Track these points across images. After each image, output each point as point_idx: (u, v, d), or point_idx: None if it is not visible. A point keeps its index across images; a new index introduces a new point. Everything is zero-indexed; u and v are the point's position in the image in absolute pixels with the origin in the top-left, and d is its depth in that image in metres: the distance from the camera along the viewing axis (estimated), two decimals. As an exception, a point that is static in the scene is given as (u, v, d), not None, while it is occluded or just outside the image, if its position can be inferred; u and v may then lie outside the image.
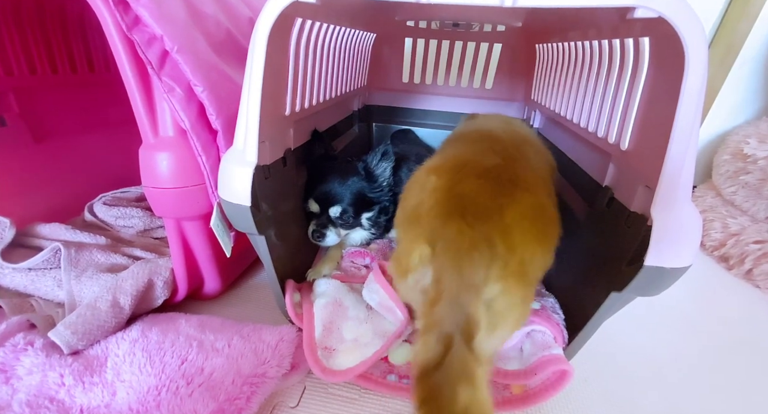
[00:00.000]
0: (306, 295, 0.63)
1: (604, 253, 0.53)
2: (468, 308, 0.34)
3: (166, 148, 0.47)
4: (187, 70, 0.43)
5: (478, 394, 0.32)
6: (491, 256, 0.36)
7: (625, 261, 0.45)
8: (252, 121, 0.43)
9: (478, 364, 0.33)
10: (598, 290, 0.48)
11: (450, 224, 0.38)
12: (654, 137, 0.43)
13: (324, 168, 0.71)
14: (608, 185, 0.55)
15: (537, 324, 0.54)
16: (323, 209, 0.71)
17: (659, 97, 0.42)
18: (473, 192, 0.41)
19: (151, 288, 0.58)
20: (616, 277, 0.43)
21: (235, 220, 0.49)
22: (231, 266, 0.69)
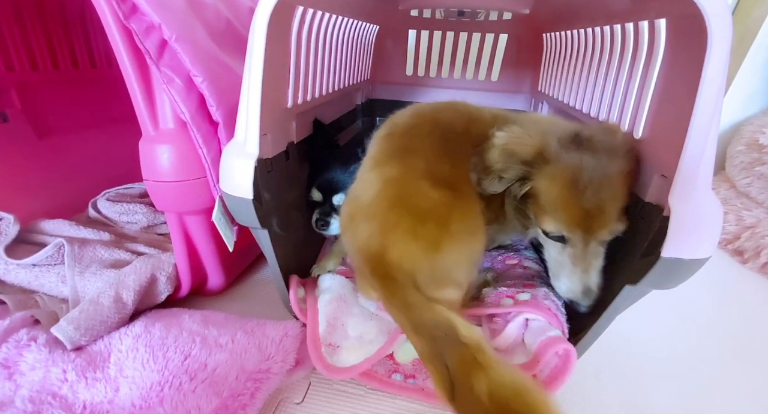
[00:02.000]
0: (310, 291, 0.62)
1: (615, 246, 0.51)
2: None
3: (167, 140, 0.47)
4: (186, 60, 0.42)
5: (493, 374, 0.32)
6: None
7: (638, 253, 0.43)
8: (253, 113, 0.42)
9: (475, 349, 0.34)
10: (611, 284, 0.47)
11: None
12: (671, 124, 0.41)
13: (326, 157, 0.70)
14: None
15: (528, 312, 0.53)
16: (326, 197, 0.70)
17: (677, 82, 0.40)
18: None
19: (154, 283, 0.57)
20: (631, 270, 0.42)
21: (238, 213, 0.48)
22: (234, 262, 0.68)
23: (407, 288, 0.42)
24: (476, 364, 0.33)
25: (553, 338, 0.48)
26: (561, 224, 0.45)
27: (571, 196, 0.43)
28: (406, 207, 0.46)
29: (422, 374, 0.51)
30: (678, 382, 0.56)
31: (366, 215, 0.48)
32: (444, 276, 0.46)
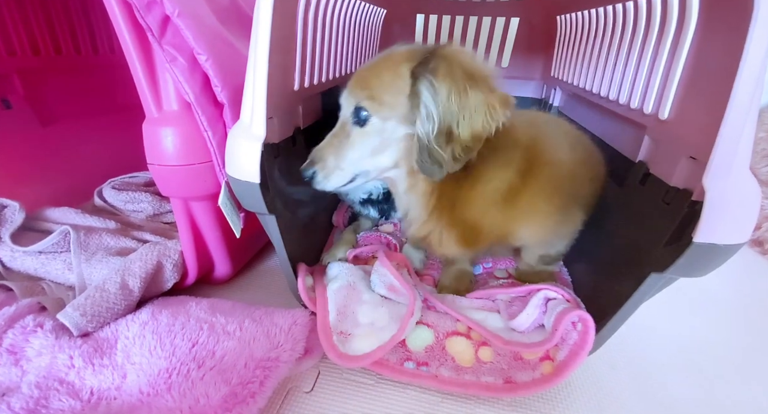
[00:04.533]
0: (319, 279, 0.61)
1: (636, 234, 0.49)
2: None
3: (171, 122, 0.45)
4: (189, 37, 0.40)
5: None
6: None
7: (662, 240, 0.41)
8: (259, 93, 0.40)
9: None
10: (632, 272, 0.45)
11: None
12: (703, 103, 0.38)
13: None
14: (642, 160, 0.51)
15: (549, 289, 0.53)
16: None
17: (711, 59, 0.38)
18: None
19: (161, 270, 0.56)
20: (656, 257, 0.40)
21: (244, 198, 0.46)
22: (241, 249, 0.67)
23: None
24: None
25: (568, 309, 0.47)
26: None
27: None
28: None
29: (435, 362, 0.50)
30: (696, 374, 0.54)
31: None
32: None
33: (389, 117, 0.45)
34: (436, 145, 0.42)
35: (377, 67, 0.46)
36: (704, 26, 0.39)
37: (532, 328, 0.52)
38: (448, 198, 0.51)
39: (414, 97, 0.43)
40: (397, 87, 0.44)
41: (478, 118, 0.42)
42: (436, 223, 0.53)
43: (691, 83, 0.41)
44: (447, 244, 0.55)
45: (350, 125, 0.47)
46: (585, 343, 0.44)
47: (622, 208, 0.54)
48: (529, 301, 0.51)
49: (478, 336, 0.53)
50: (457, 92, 0.41)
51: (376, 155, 0.48)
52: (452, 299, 0.59)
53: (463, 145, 0.42)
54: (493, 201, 0.50)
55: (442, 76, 0.41)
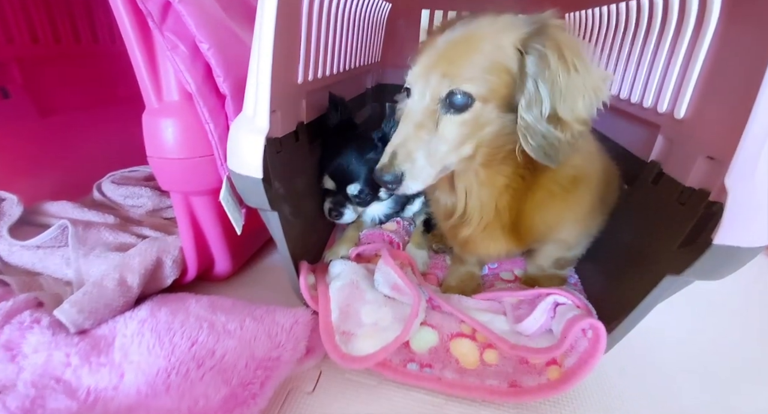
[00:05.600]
0: (321, 278, 0.60)
1: (647, 234, 0.48)
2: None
3: (171, 113, 0.44)
4: (191, 24, 0.39)
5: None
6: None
7: (677, 241, 0.40)
8: (263, 84, 0.39)
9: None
10: (644, 274, 0.43)
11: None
12: (725, 101, 0.37)
13: (340, 140, 0.66)
14: (655, 160, 0.49)
15: (558, 294, 0.51)
16: (340, 187, 0.67)
17: (734, 54, 0.36)
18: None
19: (160, 267, 0.55)
20: (670, 259, 0.39)
21: (246, 194, 0.45)
22: (242, 246, 0.66)
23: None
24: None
25: (578, 315, 0.46)
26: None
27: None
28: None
29: (439, 363, 0.48)
30: (706, 379, 0.53)
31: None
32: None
33: (490, 99, 0.39)
34: (552, 128, 0.37)
35: (470, 40, 0.38)
36: (727, 22, 0.38)
37: (539, 333, 0.50)
38: (515, 193, 0.47)
39: (518, 75, 0.38)
40: (499, 63, 0.38)
41: (587, 98, 0.38)
42: (497, 221, 0.49)
43: (710, 81, 0.39)
44: (495, 244, 0.52)
45: (439, 112, 0.40)
46: (596, 351, 0.43)
47: (632, 208, 0.53)
48: (537, 306, 0.50)
49: (483, 338, 0.52)
50: (566, 69, 0.36)
51: (462, 145, 0.41)
52: (458, 299, 0.58)
53: (574, 127, 0.38)
54: (551, 193, 0.47)
55: (553, 50, 0.36)
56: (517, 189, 0.46)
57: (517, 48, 0.37)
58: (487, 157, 0.43)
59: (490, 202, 0.48)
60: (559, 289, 0.52)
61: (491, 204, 0.48)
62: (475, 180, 0.47)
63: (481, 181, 0.46)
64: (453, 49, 0.38)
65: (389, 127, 0.66)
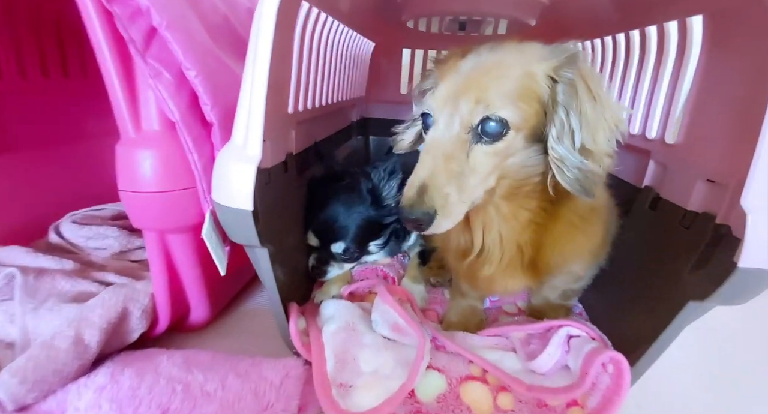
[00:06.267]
0: (312, 321, 0.54)
1: (655, 261, 0.47)
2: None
3: (150, 144, 0.40)
4: (177, 51, 0.36)
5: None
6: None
7: (686, 266, 0.39)
8: (256, 110, 0.36)
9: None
10: (661, 302, 0.42)
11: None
12: (718, 125, 0.38)
13: (325, 192, 0.63)
14: (650, 185, 0.50)
15: (571, 326, 0.48)
16: (324, 244, 0.62)
17: (722, 80, 0.38)
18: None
19: (126, 319, 0.48)
20: (688, 285, 0.37)
21: (233, 229, 0.41)
22: (222, 289, 0.60)
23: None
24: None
25: (597, 349, 0.43)
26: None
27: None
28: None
29: (450, 413, 0.43)
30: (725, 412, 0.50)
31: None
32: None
33: (521, 128, 0.37)
34: (584, 160, 0.36)
35: (501, 67, 0.37)
36: (710, 51, 0.40)
37: (555, 370, 0.47)
38: (537, 227, 0.44)
39: (548, 104, 0.37)
40: (531, 91, 0.37)
41: (608, 130, 0.37)
42: (518, 258, 0.46)
43: (700, 106, 0.41)
44: (514, 281, 0.48)
45: (470, 142, 0.37)
46: (620, 389, 0.40)
47: (632, 235, 0.52)
48: (551, 340, 0.46)
49: (495, 380, 0.47)
50: (591, 100, 0.36)
51: (489, 176, 0.39)
52: (462, 337, 0.54)
53: (604, 159, 0.37)
54: (571, 224, 0.45)
55: (580, 80, 0.36)
56: (539, 223, 0.44)
57: (550, 76, 0.37)
58: (509, 190, 0.41)
59: (511, 238, 0.45)
60: (571, 321, 0.49)
61: (512, 240, 0.45)
62: (496, 214, 0.44)
63: (503, 216, 0.43)
64: (484, 74, 0.36)
65: (379, 178, 0.64)
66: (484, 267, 0.47)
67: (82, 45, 0.77)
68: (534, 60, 0.37)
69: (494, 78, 0.36)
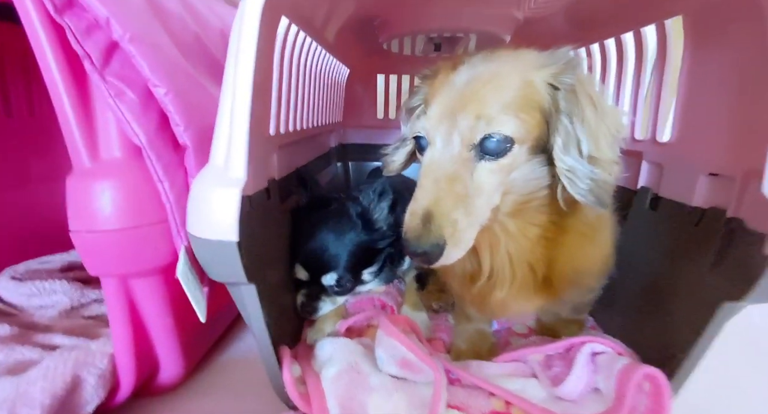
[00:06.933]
0: (307, 365, 0.47)
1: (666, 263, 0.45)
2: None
3: (110, 173, 0.34)
4: (143, 66, 0.32)
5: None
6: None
7: (704, 264, 0.38)
8: (239, 124, 0.32)
9: None
10: (685, 306, 0.40)
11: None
12: (714, 119, 0.38)
13: (311, 220, 0.58)
14: (645, 186, 0.50)
15: (593, 341, 0.44)
16: (314, 277, 0.57)
17: (712, 76, 0.39)
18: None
19: (78, 389, 0.39)
20: (717, 285, 0.36)
21: (214, 265, 0.35)
22: (197, 340, 0.51)
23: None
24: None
25: (629, 365, 0.39)
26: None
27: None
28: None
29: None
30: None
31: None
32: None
33: (525, 141, 0.35)
34: (594, 169, 0.34)
35: (499, 77, 0.35)
36: (694, 48, 0.41)
37: (585, 394, 0.42)
38: (548, 243, 0.42)
39: (550, 113, 0.35)
40: (532, 101, 0.35)
41: (609, 136, 0.35)
42: (530, 277, 0.43)
43: (692, 103, 0.42)
44: (528, 302, 0.45)
45: (472, 160, 0.35)
46: (662, 409, 0.36)
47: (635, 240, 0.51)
48: (575, 360, 0.43)
49: (521, 413, 0.42)
50: (591, 105, 0.34)
51: (495, 193, 0.36)
52: (477, 366, 0.48)
53: (614, 167, 0.35)
54: (582, 235, 0.42)
55: (580, 85, 0.34)
56: (549, 238, 0.42)
57: (549, 83, 0.35)
58: (514, 206, 0.39)
59: (521, 257, 0.42)
60: (593, 336, 0.46)
61: (523, 259, 0.42)
62: (502, 233, 0.41)
63: (511, 234, 0.41)
64: (481, 87, 0.34)
65: (369, 200, 0.60)
66: (495, 291, 0.44)
67: (30, 80, 0.70)
68: (532, 67, 0.36)
69: (493, 90, 0.34)
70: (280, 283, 0.54)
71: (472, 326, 0.56)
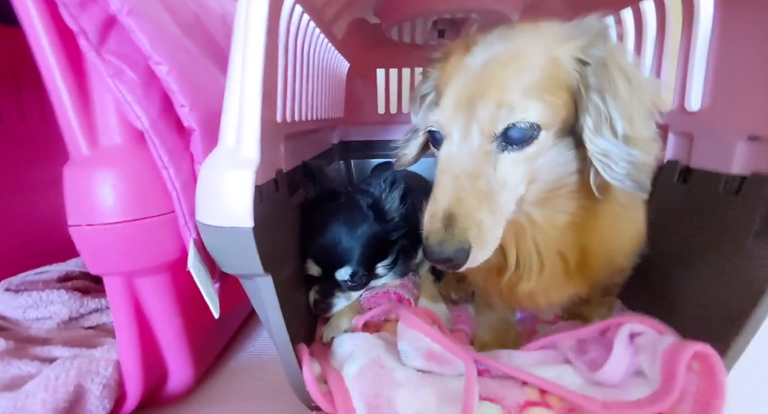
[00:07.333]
0: (326, 364, 0.44)
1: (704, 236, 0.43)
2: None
3: (112, 161, 0.31)
4: (144, 41, 0.30)
5: None
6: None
7: (747, 234, 0.36)
8: (250, 102, 0.30)
9: None
10: (729, 278, 0.38)
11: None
12: (755, 77, 0.37)
13: (322, 214, 0.55)
14: (673, 159, 0.48)
15: (631, 321, 0.42)
16: (327, 272, 0.54)
17: (750, 33, 0.37)
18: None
19: (82, 400, 0.36)
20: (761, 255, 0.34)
21: (228, 254, 0.32)
22: (207, 343, 0.49)
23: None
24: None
25: (675, 344, 0.36)
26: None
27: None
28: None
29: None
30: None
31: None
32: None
33: (552, 125, 0.32)
34: (632, 150, 0.31)
35: (520, 57, 0.31)
36: (724, 12, 0.39)
37: (628, 378, 0.40)
38: (578, 228, 0.39)
39: (579, 91, 0.32)
40: (558, 80, 0.31)
41: (647, 110, 0.32)
42: (561, 266, 0.40)
43: (725, 67, 0.40)
44: (559, 292, 0.42)
45: (494, 152, 0.32)
46: (717, 389, 0.33)
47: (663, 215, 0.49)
48: (615, 341, 0.40)
49: (560, 402, 0.40)
50: (625, 79, 0.31)
51: (520, 185, 0.34)
52: (507, 355, 0.46)
53: (651, 145, 0.32)
54: (615, 216, 0.40)
55: (615, 59, 0.31)
56: (579, 224, 0.39)
57: (578, 58, 0.32)
58: (541, 195, 0.36)
59: (550, 247, 0.40)
60: (630, 316, 0.43)
61: (552, 248, 0.40)
62: (528, 224, 0.38)
63: (537, 225, 0.38)
64: (500, 70, 0.31)
65: (380, 190, 0.57)
66: (522, 283, 0.41)
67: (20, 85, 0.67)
68: (557, 42, 0.32)
69: (514, 72, 0.31)
70: (291, 281, 0.51)
71: (495, 315, 0.53)
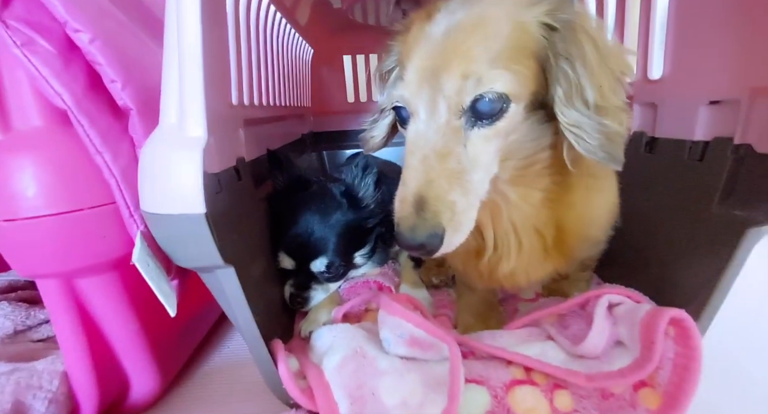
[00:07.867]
0: (305, 359, 0.42)
1: (668, 206, 0.44)
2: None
3: (30, 146, 0.27)
4: (57, 5, 0.25)
5: None
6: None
7: (713, 197, 0.36)
8: (191, 73, 0.26)
9: None
10: (702, 241, 0.38)
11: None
12: (714, 42, 0.36)
13: (292, 204, 0.52)
14: (638, 130, 0.48)
15: (610, 292, 0.41)
16: (301, 265, 0.51)
17: (704, 7, 0.37)
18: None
19: (23, 420, 0.32)
20: (728, 215, 0.34)
21: (180, 245, 0.29)
22: (173, 347, 0.45)
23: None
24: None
25: (652, 311, 0.36)
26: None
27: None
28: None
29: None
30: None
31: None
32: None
33: (522, 97, 0.30)
34: (603, 120, 0.29)
35: (484, 23, 0.29)
36: None
37: (609, 349, 0.40)
38: (552, 204, 0.38)
39: (548, 59, 0.30)
40: (524, 48, 0.30)
41: (615, 79, 0.31)
42: (539, 243, 0.39)
43: (684, 32, 0.40)
44: (538, 269, 0.42)
45: (464, 129, 0.30)
46: (693, 352, 0.33)
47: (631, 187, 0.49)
48: (595, 313, 0.40)
49: (545, 378, 0.40)
50: (593, 45, 0.29)
51: (493, 163, 0.32)
52: (490, 336, 0.45)
53: (621, 115, 0.30)
54: (588, 188, 0.39)
55: (582, 24, 0.29)
56: (554, 199, 0.38)
57: (544, 23, 0.30)
58: (514, 172, 0.35)
59: (526, 224, 0.39)
60: (608, 288, 0.43)
61: (528, 225, 0.39)
62: (503, 203, 0.37)
63: (512, 203, 0.37)
64: (464, 38, 0.29)
65: (353, 176, 0.54)
66: (502, 263, 0.40)
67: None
68: (522, 6, 0.31)
69: (478, 40, 0.29)
70: (263, 276, 0.48)
71: (475, 297, 0.52)
